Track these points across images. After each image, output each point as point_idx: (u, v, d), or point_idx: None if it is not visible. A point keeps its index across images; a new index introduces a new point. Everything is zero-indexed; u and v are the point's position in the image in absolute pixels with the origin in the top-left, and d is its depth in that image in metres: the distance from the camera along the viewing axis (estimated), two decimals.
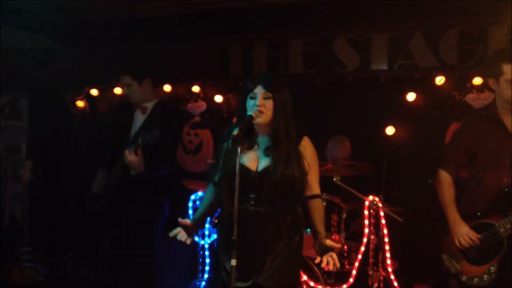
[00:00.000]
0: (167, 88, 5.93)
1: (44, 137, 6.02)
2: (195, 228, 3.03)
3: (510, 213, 3.26)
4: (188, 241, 3.00)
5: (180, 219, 2.96)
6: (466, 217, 3.40)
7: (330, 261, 2.81)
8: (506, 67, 3.29)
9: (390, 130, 5.24)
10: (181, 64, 5.74)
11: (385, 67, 5.19)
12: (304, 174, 2.86)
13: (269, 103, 2.84)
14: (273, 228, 2.83)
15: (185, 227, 2.97)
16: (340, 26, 5.29)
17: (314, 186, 2.97)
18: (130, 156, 3.81)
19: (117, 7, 5.14)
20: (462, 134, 3.55)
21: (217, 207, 3.18)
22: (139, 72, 4.26)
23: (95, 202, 4.20)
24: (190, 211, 5.02)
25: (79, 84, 6.12)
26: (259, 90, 2.84)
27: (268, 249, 2.83)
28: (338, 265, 2.82)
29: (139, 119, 4.24)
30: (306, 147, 2.94)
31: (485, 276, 3.31)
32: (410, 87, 5.17)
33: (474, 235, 3.33)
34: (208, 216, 3.29)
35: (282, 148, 2.83)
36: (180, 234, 2.98)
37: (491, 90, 3.52)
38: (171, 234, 3.00)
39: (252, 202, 2.83)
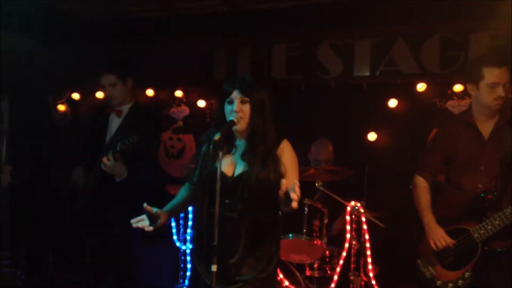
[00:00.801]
0: (149, 92, 5.90)
1: (25, 141, 5.96)
2: (159, 218, 2.90)
3: (484, 219, 3.29)
4: (148, 229, 2.87)
5: (145, 204, 2.85)
6: (442, 222, 3.43)
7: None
8: (486, 72, 3.31)
9: (372, 136, 5.27)
10: (164, 68, 5.73)
11: (368, 73, 5.22)
12: (280, 178, 2.80)
13: (247, 108, 2.81)
14: (247, 235, 2.80)
15: (149, 215, 2.88)
16: (323, 32, 5.32)
17: None
18: (110, 162, 3.78)
19: (101, 9, 5.12)
20: (438, 140, 3.59)
21: (188, 206, 3.16)
22: (123, 70, 4.25)
23: (75, 199, 4.18)
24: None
25: (61, 87, 6.07)
26: (236, 95, 2.81)
27: (242, 257, 2.79)
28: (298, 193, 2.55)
29: (115, 122, 4.22)
30: (284, 149, 2.89)
31: (460, 281, 3.34)
32: (392, 94, 5.20)
33: (448, 239, 3.36)
34: (177, 211, 3.22)
35: (257, 152, 2.80)
36: (142, 222, 2.87)
37: (471, 96, 3.54)
38: (133, 220, 2.88)
39: (227, 207, 2.79)
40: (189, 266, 5.00)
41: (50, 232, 5.51)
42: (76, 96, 6.11)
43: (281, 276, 4.32)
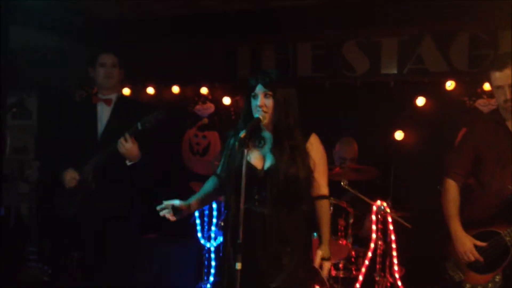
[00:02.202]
0: (175, 89, 5.93)
1: (52, 137, 6.03)
2: (185, 210, 2.89)
3: None
4: (172, 218, 2.86)
5: (165, 203, 2.85)
6: (471, 224, 3.36)
7: (324, 268, 2.87)
8: (492, 75, 3.29)
9: (399, 135, 5.20)
10: (189, 65, 5.74)
11: (395, 71, 5.18)
12: (309, 173, 2.80)
13: (270, 102, 2.79)
14: (277, 230, 2.77)
15: (174, 207, 2.86)
16: (349, 30, 5.27)
17: (321, 185, 2.90)
18: (128, 144, 3.63)
19: (128, 6, 5.14)
20: (467, 140, 3.51)
21: (214, 199, 3.12)
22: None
23: (68, 204, 4.00)
24: (196, 213, 5.01)
25: (88, 84, 6.12)
26: (259, 90, 2.80)
27: (272, 254, 2.77)
28: (326, 274, 2.86)
29: (105, 112, 4.02)
30: (313, 144, 2.87)
31: (490, 285, 3.26)
32: (420, 92, 5.13)
33: (477, 254, 3.29)
34: (203, 204, 3.20)
35: (284, 146, 2.77)
36: (166, 210, 2.85)
37: None
38: (159, 207, 2.86)
39: (256, 203, 2.78)
40: (213, 263, 5.01)
41: (75, 228, 5.57)
42: None
43: None
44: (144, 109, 4.12)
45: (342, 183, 4.42)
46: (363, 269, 4.36)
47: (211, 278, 4.98)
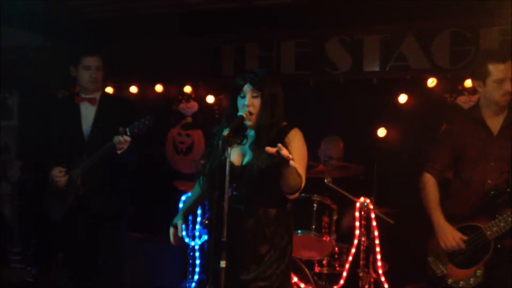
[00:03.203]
0: (158, 88, 5.91)
1: (34, 137, 5.98)
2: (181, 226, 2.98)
3: (497, 215, 3.25)
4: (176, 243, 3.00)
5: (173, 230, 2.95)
6: (452, 219, 3.39)
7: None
8: (492, 68, 3.28)
9: (381, 132, 5.24)
10: (173, 64, 5.73)
11: (377, 69, 5.20)
12: None
13: (257, 102, 2.78)
14: (254, 227, 2.77)
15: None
16: (332, 28, 5.30)
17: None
18: (126, 142, 3.68)
19: (111, 5, 5.12)
20: (446, 136, 3.54)
21: (203, 200, 3.14)
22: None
23: (57, 206, 3.97)
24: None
25: (70, 83, 6.08)
26: (247, 89, 2.79)
27: (250, 251, 2.77)
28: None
29: (90, 111, 4.00)
30: (292, 139, 2.82)
31: (471, 279, 3.29)
32: (402, 89, 5.17)
33: (458, 237, 3.32)
34: (194, 208, 3.24)
35: (263, 142, 2.72)
36: (175, 236, 2.97)
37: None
38: (172, 240, 2.98)
39: (234, 199, 2.75)
40: (198, 262, 5.01)
41: (59, 228, 5.53)
42: None
43: None
44: (128, 105, 4.16)
45: (325, 181, 4.44)
46: (347, 265, 4.38)
47: (196, 277, 4.98)
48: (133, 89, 5.93)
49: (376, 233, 4.38)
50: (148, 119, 3.64)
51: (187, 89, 5.86)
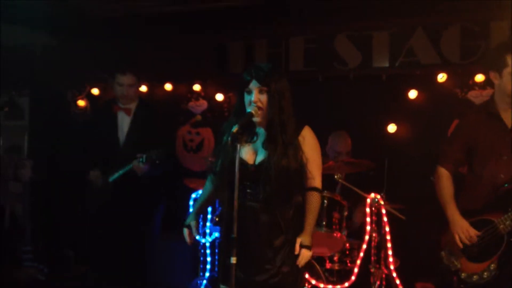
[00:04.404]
0: (168, 87, 5.92)
1: (45, 136, 6.01)
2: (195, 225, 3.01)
3: (510, 209, 3.23)
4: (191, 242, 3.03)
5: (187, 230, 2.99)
6: (465, 214, 3.38)
7: (302, 255, 2.81)
8: (510, 60, 3.25)
9: (392, 128, 5.22)
10: (181, 62, 5.73)
11: (387, 64, 5.18)
12: (301, 166, 2.79)
13: (264, 98, 2.77)
14: (269, 223, 2.77)
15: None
16: (341, 23, 5.28)
17: (313, 177, 2.87)
18: (139, 169, 4.07)
19: (117, 3, 5.13)
20: (460, 130, 3.53)
21: (214, 198, 3.14)
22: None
23: (95, 200, 4.23)
24: (191, 210, 5.00)
25: (80, 83, 6.10)
26: (254, 85, 2.78)
27: (264, 246, 2.77)
28: (303, 262, 2.81)
29: (125, 121, 4.35)
30: (305, 137, 2.85)
31: (485, 273, 3.28)
32: (412, 84, 5.15)
33: (473, 232, 3.30)
34: (206, 206, 3.26)
35: (277, 140, 2.75)
36: (190, 236, 3.00)
37: (493, 86, 3.47)
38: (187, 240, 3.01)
39: (249, 197, 2.78)
40: (209, 259, 5.01)
41: (70, 227, 5.56)
42: (95, 91, 6.14)
43: None
44: (159, 120, 4.49)
45: (335, 176, 4.43)
46: (358, 261, 4.36)
47: (207, 274, 4.98)
48: (143, 88, 5.94)
49: (387, 229, 4.36)
50: (171, 154, 4.15)
51: (196, 87, 5.87)
